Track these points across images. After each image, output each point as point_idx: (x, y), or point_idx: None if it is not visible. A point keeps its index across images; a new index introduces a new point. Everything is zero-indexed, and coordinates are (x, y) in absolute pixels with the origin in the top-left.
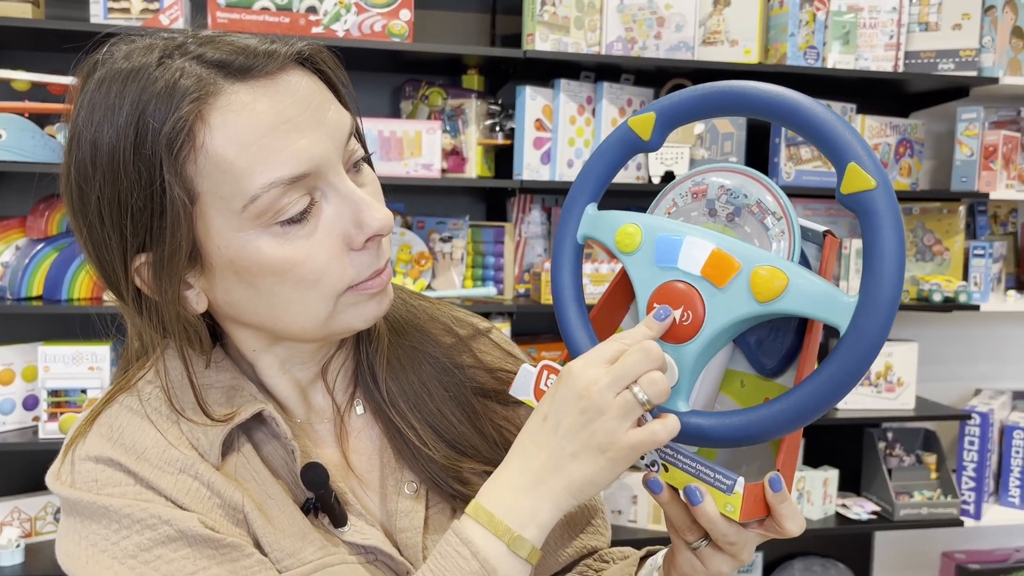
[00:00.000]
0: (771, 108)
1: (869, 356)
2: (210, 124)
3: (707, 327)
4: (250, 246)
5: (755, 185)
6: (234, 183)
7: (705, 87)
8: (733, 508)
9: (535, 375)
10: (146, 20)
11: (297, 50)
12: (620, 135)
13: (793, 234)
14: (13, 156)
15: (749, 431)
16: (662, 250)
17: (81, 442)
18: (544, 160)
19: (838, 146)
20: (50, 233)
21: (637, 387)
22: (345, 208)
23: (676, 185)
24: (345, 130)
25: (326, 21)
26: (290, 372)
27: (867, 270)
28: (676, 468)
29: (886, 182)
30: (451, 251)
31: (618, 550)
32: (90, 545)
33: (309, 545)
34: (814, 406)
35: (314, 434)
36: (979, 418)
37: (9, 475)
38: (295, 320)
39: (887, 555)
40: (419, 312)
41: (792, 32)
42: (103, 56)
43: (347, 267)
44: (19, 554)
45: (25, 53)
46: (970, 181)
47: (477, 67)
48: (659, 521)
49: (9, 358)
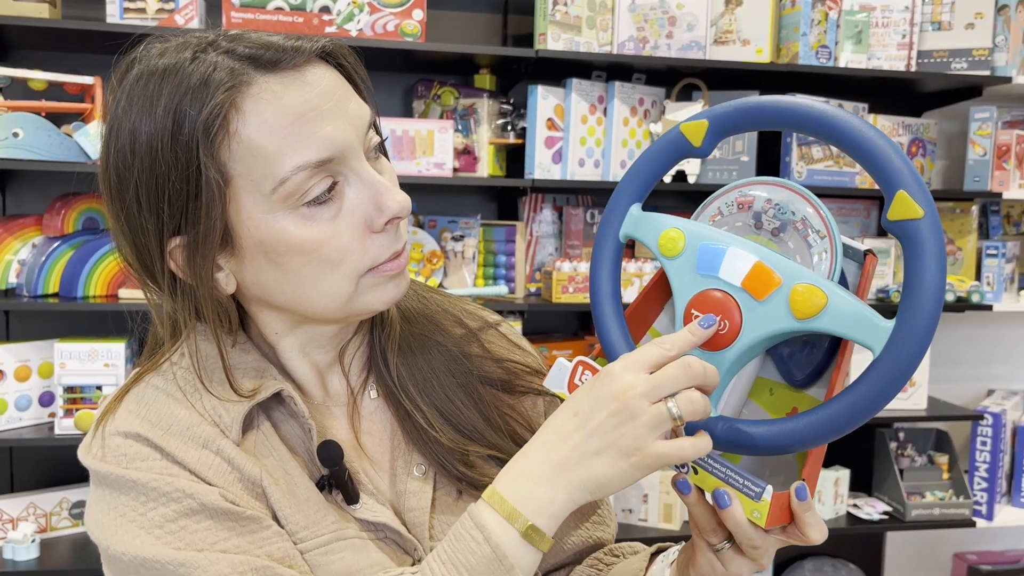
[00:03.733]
0: (825, 128)
1: (900, 380)
2: (243, 111)
3: (743, 338)
4: (278, 226)
5: (801, 202)
6: (265, 166)
7: (760, 100)
8: (760, 515)
9: (570, 369)
10: (162, 20)
11: (320, 46)
12: (672, 139)
13: (835, 253)
14: (30, 155)
15: (778, 441)
16: (704, 258)
17: (111, 418)
18: (555, 159)
19: (889, 172)
20: (66, 231)
21: (672, 402)
22: (366, 192)
23: (722, 194)
24: (365, 120)
25: (339, 21)
26: (309, 356)
27: (907, 296)
28: (706, 472)
29: (934, 212)
30: (463, 250)
31: (627, 545)
32: (119, 516)
33: (324, 519)
34: (842, 424)
35: (330, 416)
36: (991, 418)
37: (25, 471)
38: (320, 299)
39: (898, 556)
40: (431, 304)
41: (804, 31)
42: (139, 54)
43: (368, 248)
44: (34, 549)
45: (42, 53)
46: (983, 181)
47: (489, 66)
48: (669, 520)
49: (25, 355)
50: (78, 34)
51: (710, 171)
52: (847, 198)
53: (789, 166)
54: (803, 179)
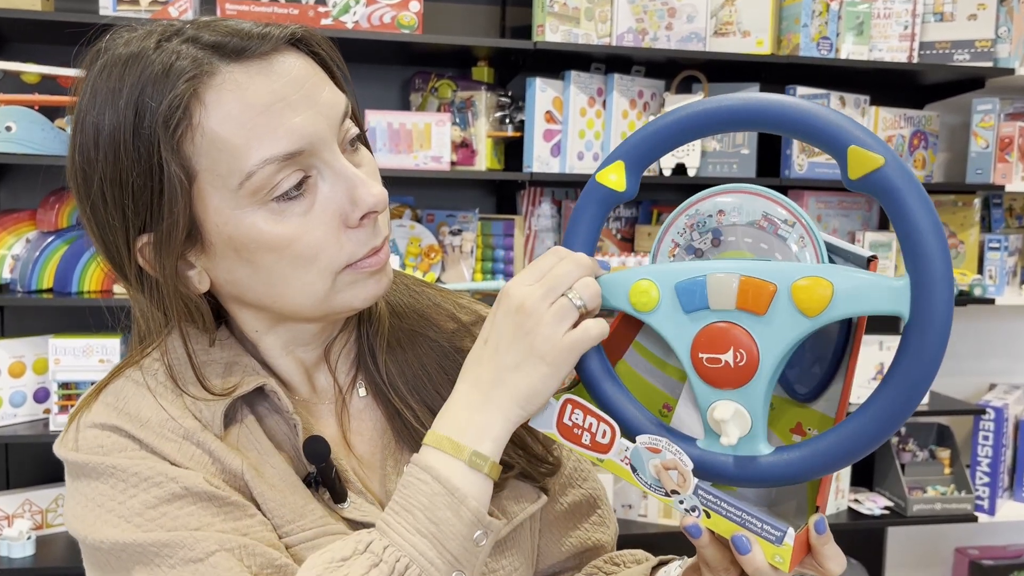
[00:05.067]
0: (743, 117)
1: (943, 336)
2: (205, 103)
3: (764, 361)
4: (247, 222)
5: (753, 199)
6: (230, 160)
7: (668, 116)
8: (782, 559)
9: (558, 408)
10: (155, 12)
11: (290, 32)
12: (590, 192)
13: (813, 235)
14: (23, 149)
15: (819, 463)
16: (686, 296)
17: (87, 411)
18: (554, 152)
19: (830, 133)
20: (60, 226)
21: (572, 292)
22: (340, 185)
23: (669, 226)
24: (339, 110)
25: (335, 13)
26: (293, 353)
27: (909, 248)
28: (719, 515)
29: (893, 155)
30: (461, 244)
31: (629, 553)
32: (96, 506)
33: (310, 514)
34: (902, 408)
35: (316, 413)
36: (993, 413)
37: (20, 467)
38: (295, 298)
39: (900, 550)
40: (421, 298)
41: (805, 23)
42: (105, 44)
43: (344, 244)
44: (30, 546)
45: (35, 46)
46: (985, 173)
47: (487, 59)
48: (669, 516)
49: (20, 351)
50: (71, 27)
51: (710, 164)
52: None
53: (790, 159)
54: (804, 172)
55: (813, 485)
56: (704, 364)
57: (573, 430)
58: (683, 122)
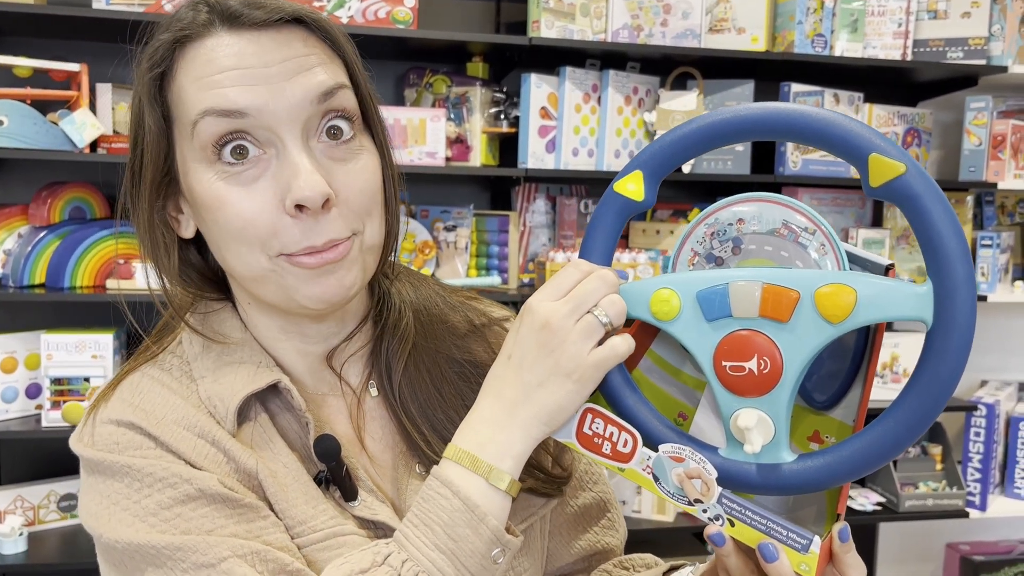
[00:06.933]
0: (766, 126)
1: (967, 341)
2: (186, 58)
3: (787, 369)
4: (200, 177)
5: (773, 207)
6: (186, 112)
7: (688, 126)
8: (808, 567)
9: (578, 417)
10: (148, 7)
11: (292, 11)
12: (608, 201)
13: (833, 241)
14: (15, 143)
15: (844, 470)
16: (708, 305)
17: (103, 406)
18: (549, 148)
19: (851, 142)
20: (52, 221)
21: (598, 309)
22: (285, 170)
23: (689, 235)
24: (314, 93)
25: (330, 7)
26: (293, 342)
27: (931, 254)
28: (743, 524)
29: (913, 163)
30: (455, 240)
31: (639, 556)
32: (111, 504)
33: (321, 515)
34: (927, 413)
35: (328, 408)
36: (985, 409)
37: (12, 463)
38: (236, 265)
39: (891, 546)
40: (459, 312)
41: (800, 20)
42: None
43: (278, 229)
44: (22, 542)
45: (27, 39)
46: (978, 171)
47: (482, 54)
48: (663, 512)
49: (12, 346)
50: (64, 20)
51: (705, 160)
52: (842, 188)
53: (784, 156)
54: (799, 169)
55: (832, 492)
56: (727, 372)
57: (593, 439)
58: (702, 132)
